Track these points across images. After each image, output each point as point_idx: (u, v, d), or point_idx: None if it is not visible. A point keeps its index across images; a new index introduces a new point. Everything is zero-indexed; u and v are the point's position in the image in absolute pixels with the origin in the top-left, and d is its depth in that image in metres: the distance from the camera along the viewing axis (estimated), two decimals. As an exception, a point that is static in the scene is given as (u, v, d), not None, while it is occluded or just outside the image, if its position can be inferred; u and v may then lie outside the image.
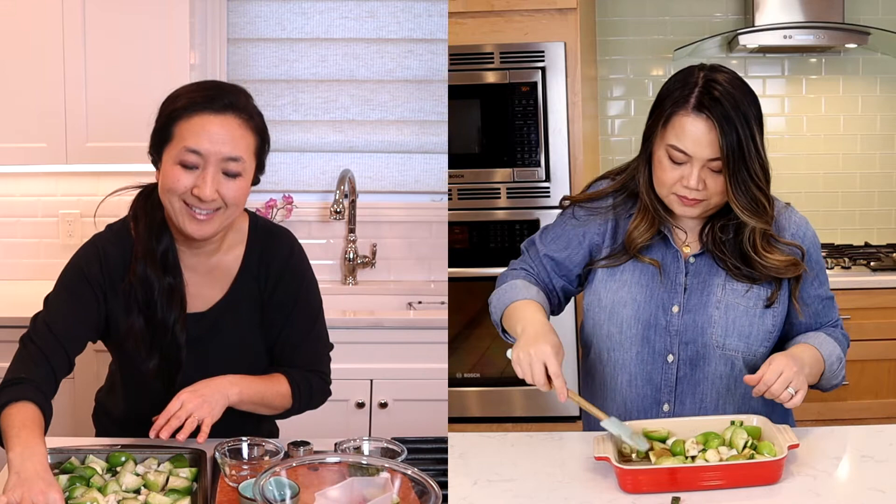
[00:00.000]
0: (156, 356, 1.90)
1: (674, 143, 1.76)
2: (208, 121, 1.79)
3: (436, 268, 3.56)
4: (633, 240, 1.87)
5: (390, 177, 3.59)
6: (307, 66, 3.54)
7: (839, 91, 3.85)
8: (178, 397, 1.77)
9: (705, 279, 1.87)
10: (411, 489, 1.48)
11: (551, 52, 3.16)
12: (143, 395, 1.95)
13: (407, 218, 3.58)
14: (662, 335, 1.86)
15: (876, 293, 3.32)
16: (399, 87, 3.56)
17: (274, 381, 1.94)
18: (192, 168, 1.79)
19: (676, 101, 1.76)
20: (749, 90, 1.79)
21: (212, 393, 1.80)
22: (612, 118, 3.91)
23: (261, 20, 3.52)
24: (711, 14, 3.84)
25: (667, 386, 1.87)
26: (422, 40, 3.54)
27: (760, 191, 1.77)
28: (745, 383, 1.74)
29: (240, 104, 1.83)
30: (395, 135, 3.57)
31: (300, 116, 3.55)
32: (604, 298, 1.90)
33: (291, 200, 3.48)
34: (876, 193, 3.88)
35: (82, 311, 1.88)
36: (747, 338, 1.84)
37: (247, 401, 1.87)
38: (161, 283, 1.88)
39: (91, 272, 1.89)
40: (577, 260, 1.95)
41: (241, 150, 1.82)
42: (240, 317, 1.96)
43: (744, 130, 1.73)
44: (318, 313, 2.05)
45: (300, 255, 2.02)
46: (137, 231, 1.90)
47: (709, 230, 1.86)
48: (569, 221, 1.97)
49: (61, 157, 3.12)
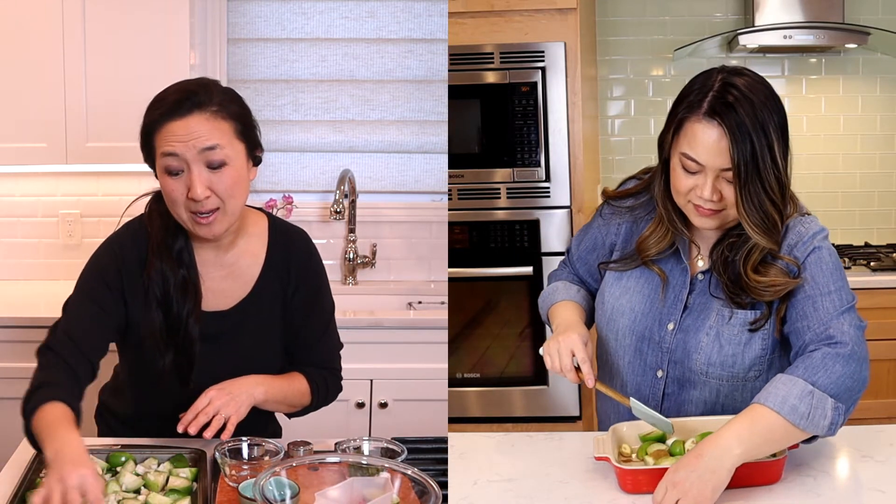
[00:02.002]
0: (171, 352, 1.90)
1: (686, 150, 1.67)
2: (175, 126, 1.79)
3: (436, 268, 3.56)
4: (646, 248, 1.83)
5: (390, 177, 3.59)
6: (307, 66, 3.54)
7: (839, 91, 3.85)
8: (206, 394, 1.81)
9: (707, 300, 1.80)
10: (411, 489, 1.48)
11: (551, 52, 3.16)
12: (155, 394, 1.95)
13: (407, 218, 3.58)
14: (655, 350, 1.83)
15: (876, 293, 3.32)
16: (399, 87, 3.56)
17: (294, 380, 1.99)
18: (177, 174, 1.80)
19: (690, 106, 1.67)
20: (771, 95, 1.68)
21: (239, 391, 1.84)
22: (612, 118, 3.91)
23: (261, 20, 3.52)
24: (711, 14, 3.84)
25: (654, 399, 1.84)
26: (422, 40, 3.54)
27: (774, 206, 1.67)
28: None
29: (203, 101, 1.81)
30: (395, 135, 3.57)
31: (300, 116, 3.55)
32: (606, 303, 1.90)
33: (291, 200, 3.48)
34: (876, 193, 3.88)
35: (103, 316, 1.88)
36: (731, 367, 1.76)
37: (272, 400, 1.91)
38: (176, 276, 1.90)
39: (109, 275, 1.89)
40: (602, 257, 1.96)
41: (216, 138, 1.80)
42: (263, 315, 1.97)
43: (759, 139, 1.62)
44: (332, 313, 2.10)
45: (318, 256, 2.07)
46: (153, 229, 1.91)
47: (718, 254, 1.77)
48: (596, 220, 1.99)
49: (61, 157, 3.12)
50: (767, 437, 1.57)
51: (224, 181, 1.81)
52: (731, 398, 1.79)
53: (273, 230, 2.01)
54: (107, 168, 3.19)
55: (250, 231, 1.98)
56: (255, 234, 1.99)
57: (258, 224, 2.00)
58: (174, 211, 1.84)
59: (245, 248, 1.97)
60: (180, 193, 1.80)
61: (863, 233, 3.87)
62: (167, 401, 1.89)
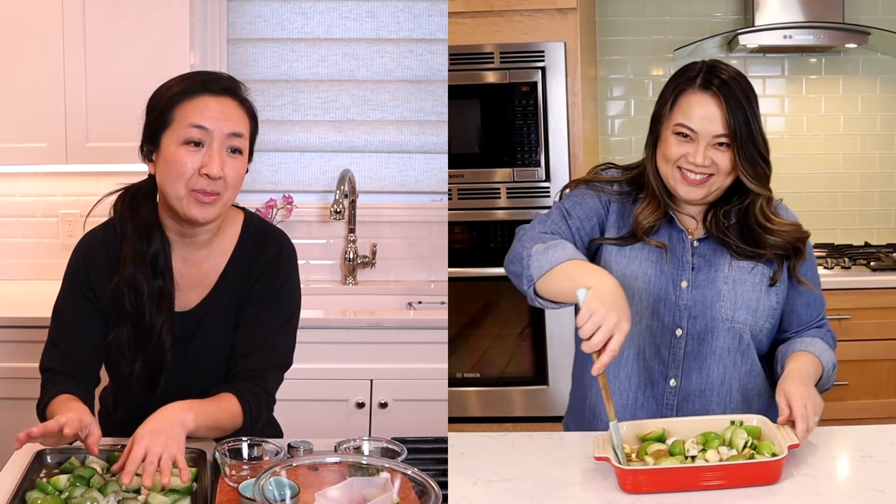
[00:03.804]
0: (140, 359, 1.89)
1: (681, 120, 1.82)
2: (210, 100, 1.83)
3: (436, 268, 3.56)
4: (640, 222, 1.90)
5: (390, 177, 3.59)
6: (307, 66, 3.54)
7: (839, 91, 3.85)
8: (139, 442, 1.60)
9: (711, 259, 1.91)
10: (411, 489, 1.48)
11: (551, 52, 3.16)
12: (130, 397, 1.96)
13: (407, 218, 3.58)
14: (672, 309, 1.89)
15: (876, 293, 3.32)
16: (399, 87, 3.56)
17: (224, 402, 1.84)
18: (197, 145, 1.80)
19: (682, 83, 1.84)
20: (746, 78, 1.86)
21: (170, 426, 1.66)
22: (612, 118, 3.92)
23: (261, 20, 3.52)
24: (711, 14, 3.84)
25: (674, 360, 1.89)
26: (422, 40, 3.54)
27: (765, 161, 1.84)
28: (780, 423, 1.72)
29: (235, 89, 1.88)
30: (395, 135, 3.57)
31: (300, 116, 3.55)
32: (615, 272, 1.88)
33: (291, 200, 3.48)
34: (876, 193, 3.88)
35: (87, 324, 1.90)
36: (754, 311, 1.88)
37: (202, 426, 1.75)
38: (150, 286, 1.87)
39: (82, 280, 1.91)
40: (596, 231, 1.95)
41: (242, 127, 1.86)
42: (221, 315, 1.93)
43: (748, 109, 1.81)
44: (284, 324, 1.95)
45: (287, 258, 1.98)
46: (125, 233, 1.89)
47: (712, 216, 1.91)
48: (586, 192, 1.97)
49: (61, 157, 3.12)
50: (815, 380, 1.83)
51: (236, 168, 1.84)
52: (751, 347, 1.90)
53: (246, 228, 1.98)
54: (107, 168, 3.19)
55: (224, 229, 1.96)
56: (228, 232, 1.96)
57: (234, 222, 1.98)
58: (173, 186, 1.81)
59: (218, 246, 1.95)
60: (191, 167, 1.80)
61: (863, 233, 3.87)
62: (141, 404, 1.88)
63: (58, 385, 1.83)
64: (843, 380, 3.31)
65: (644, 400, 1.91)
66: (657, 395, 1.90)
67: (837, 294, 3.30)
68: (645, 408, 1.90)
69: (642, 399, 1.91)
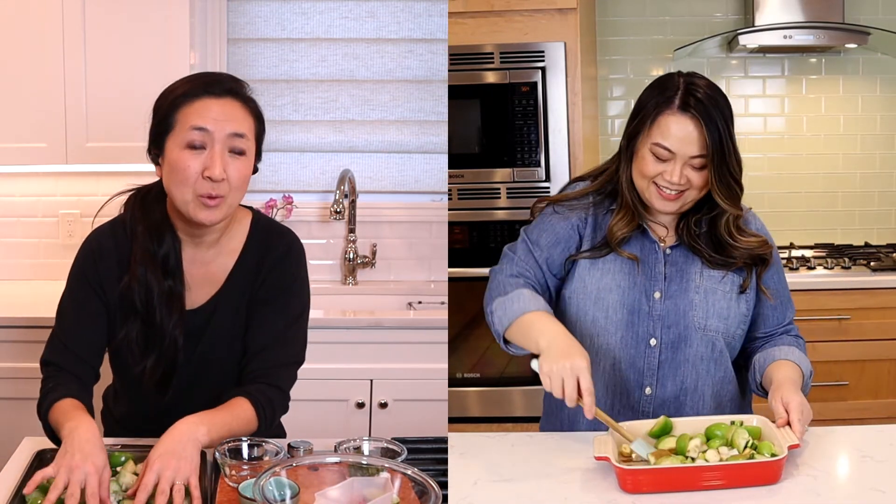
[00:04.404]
0: (150, 359, 1.89)
1: (659, 140, 1.84)
2: (211, 103, 1.83)
3: (436, 268, 3.56)
4: (614, 233, 1.93)
5: (390, 177, 3.59)
6: (307, 66, 3.54)
7: (839, 91, 3.85)
8: (150, 467, 1.57)
9: (682, 268, 1.94)
10: (411, 489, 1.48)
11: (551, 52, 3.16)
12: (139, 396, 1.96)
13: (407, 218, 3.58)
14: (646, 320, 1.91)
15: (876, 293, 3.32)
16: (399, 87, 3.56)
17: (237, 408, 1.82)
18: (199, 149, 1.80)
19: (661, 103, 1.85)
20: (722, 92, 1.88)
21: (182, 447, 1.63)
22: (612, 118, 3.91)
23: (261, 20, 3.52)
24: (711, 14, 3.84)
25: (649, 369, 1.92)
26: (422, 40, 3.54)
27: (737, 183, 1.88)
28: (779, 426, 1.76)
29: (238, 90, 1.87)
30: (395, 135, 3.57)
31: (300, 116, 3.55)
32: (589, 285, 1.94)
33: (291, 200, 3.48)
34: (876, 193, 3.88)
35: (93, 319, 1.90)
36: (726, 319, 1.92)
37: (217, 438, 1.72)
38: (161, 286, 1.88)
39: (91, 275, 1.90)
40: (566, 254, 1.97)
41: (245, 128, 1.85)
42: (230, 314, 1.94)
43: (724, 128, 1.82)
44: (295, 321, 1.96)
45: (296, 258, 1.99)
46: (136, 233, 1.90)
47: (683, 225, 1.94)
48: (552, 217, 1.99)
49: (61, 157, 3.12)
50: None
51: (239, 169, 1.83)
52: (724, 354, 1.93)
53: (255, 228, 1.98)
54: (107, 168, 3.19)
55: (232, 228, 1.96)
56: (236, 232, 1.97)
57: (242, 222, 1.98)
58: (179, 191, 1.82)
59: (226, 245, 1.96)
60: (195, 170, 1.80)
61: (863, 233, 3.87)
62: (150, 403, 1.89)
63: (59, 386, 1.82)
64: (843, 380, 3.32)
65: (621, 408, 1.93)
66: (633, 403, 1.93)
67: (837, 294, 3.30)
68: (622, 415, 1.89)
69: (619, 407, 1.93)
